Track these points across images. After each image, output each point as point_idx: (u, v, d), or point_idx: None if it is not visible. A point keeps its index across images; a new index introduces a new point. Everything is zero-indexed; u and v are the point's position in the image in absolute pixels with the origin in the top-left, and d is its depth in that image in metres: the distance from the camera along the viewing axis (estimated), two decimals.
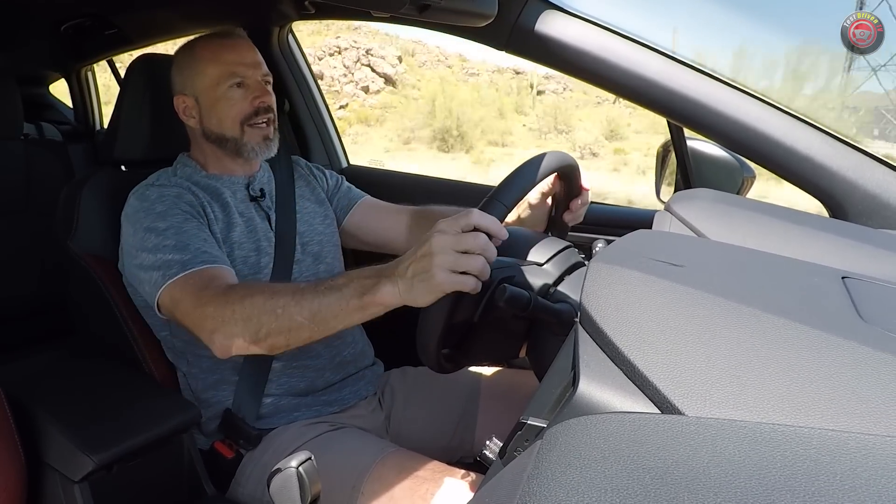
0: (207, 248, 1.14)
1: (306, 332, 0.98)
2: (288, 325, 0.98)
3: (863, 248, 0.79)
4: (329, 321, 0.97)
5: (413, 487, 1.05)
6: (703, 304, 0.51)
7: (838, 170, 1.08)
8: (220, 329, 1.02)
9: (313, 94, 2.08)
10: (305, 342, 1.02)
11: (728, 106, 1.13)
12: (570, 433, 0.40)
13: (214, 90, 1.26)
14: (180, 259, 1.10)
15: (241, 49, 1.29)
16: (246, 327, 1.00)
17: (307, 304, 0.97)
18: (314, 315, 0.97)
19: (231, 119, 1.26)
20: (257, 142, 1.28)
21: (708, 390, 0.42)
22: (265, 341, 1.00)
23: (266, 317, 0.99)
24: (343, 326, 0.98)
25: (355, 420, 1.29)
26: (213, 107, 1.27)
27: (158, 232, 1.14)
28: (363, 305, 0.94)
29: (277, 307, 0.98)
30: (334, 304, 0.96)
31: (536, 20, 1.22)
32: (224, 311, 1.02)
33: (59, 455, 0.97)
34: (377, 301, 0.93)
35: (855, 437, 0.36)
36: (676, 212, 0.89)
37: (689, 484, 0.33)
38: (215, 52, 1.27)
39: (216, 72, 1.26)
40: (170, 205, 1.18)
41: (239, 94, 1.26)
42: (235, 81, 1.26)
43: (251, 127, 1.27)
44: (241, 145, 1.28)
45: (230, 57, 1.27)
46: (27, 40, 2.47)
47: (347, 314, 0.95)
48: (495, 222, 0.87)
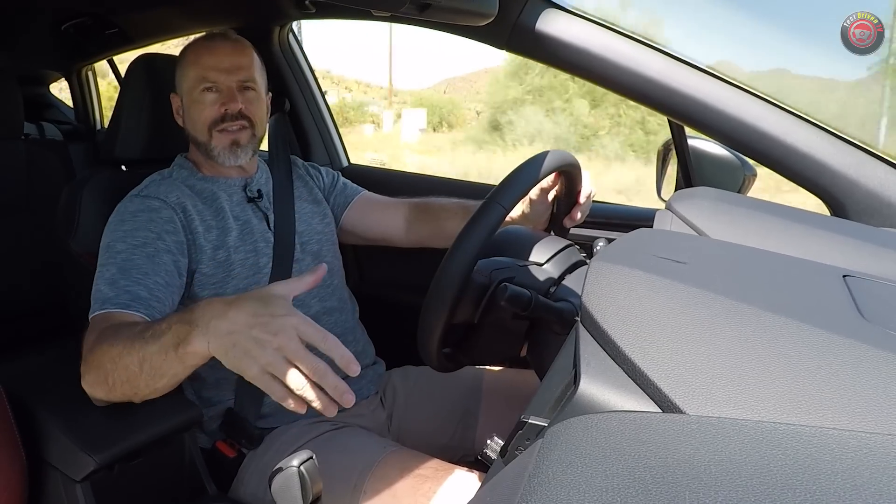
0: (136, 287, 1.07)
1: (142, 382, 0.89)
2: (126, 376, 0.90)
3: (864, 247, 0.79)
4: (157, 370, 0.87)
5: (415, 486, 1.05)
6: (704, 303, 0.51)
7: (839, 168, 1.08)
8: (84, 377, 0.97)
9: (314, 93, 2.08)
10: (152, 392, 0.91)
11: (729, 104, 1.13)
12: (571, 432, 0.40)
13: (191, 93, 1.27)
14: (105, 295, 1.06)
15: (220, 53, 1.28)
16: (98, 375, 0.94)
17: (136, 352, 0.88)
18: (142, 364, 0.88)
19: (201, 123, 1.27)
20: (224, 146, 1.27)
21: (709, 389, 0.42)
22: (116, 390, 0.93)
23: (109, 364, 0.91)
24: (174, 378, 0.88)
25: (357, 419, 1.29)
26: (189, 109, 1.29)
27: (111, 254, 1.12)
28: (180, 357, 0.84)
29: (115, 355, 0.90)
30: (157, 356, 0.86)
31: (537, 19, 1.22)
32: (89, 356, 0.96)
33: (60, 454, 0.97)
34: (190, 352, 0.83)
35: (856, 436, 0.36)
36: (677, 210, 0.89)
37: (690, 483, 0.33)
38: (197, 54, 1.28)
39: (193, 74, 1.27)
40: (139, 224, 1.16)
41: (210, 98, 1.26)
42: (206, 86, 1.26)
43: (219, 132, 1.27)
44: (209, 149, 1.28)
45: (207, 61, 1.27)
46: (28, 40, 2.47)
47: (170, 366, 0.86)
48: (317, 331, 0.77)
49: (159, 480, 1.07)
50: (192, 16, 1.99)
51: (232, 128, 1.27)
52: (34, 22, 2.33)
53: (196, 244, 1.21)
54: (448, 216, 1.41)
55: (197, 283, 1.20)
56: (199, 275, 1.20)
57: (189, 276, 1.20)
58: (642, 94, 1.18)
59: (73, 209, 1.31)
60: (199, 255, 1.20)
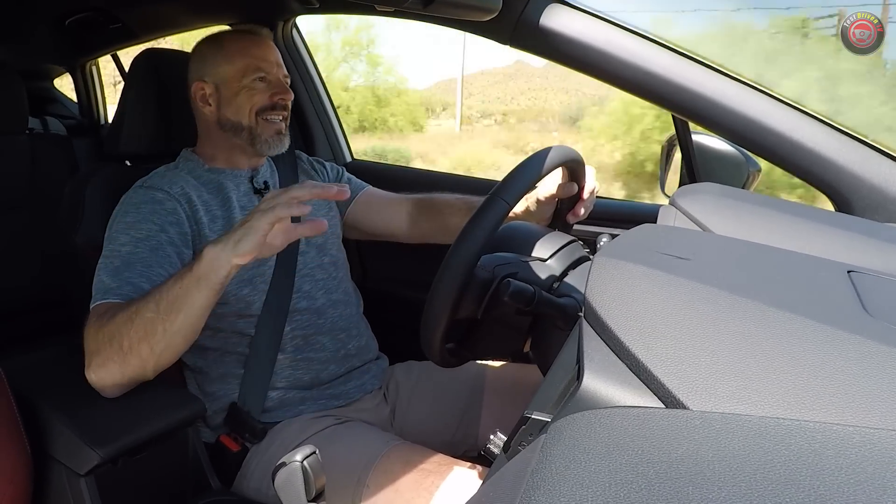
0: (139, 280, 1.10)
1: (159, 325, 0.99)
2: (143, 327, 0.99)
3: (868, 242, 0.78)
4: (173, 304, 0.99)
5: (418, 480, 1.06)
6: (708, 299, 0.50)
7: (844, 164, 1.07)
8: (92, 362, 1.01)
9: (317, 88, 2.08)
10: (169, 342, 1.00)
11: (733, 100, 1.12)
12: (574, 427, 0.39)
13: (239, 80, 1.29)
14: (107, 285, 1.09)
15: (268, 47, 1.34)
16: (111, 346, 1.00)
17: (152, 297, 1.00)
18: (158, 304, 0.99)
19: (249, 108, 1.29)
20: (270, 135, 1.31)
21: (712, 384, 0.42)
22: (131, 354, 0.99)
23: (125, 326, 0.99)
24: (189, 310, 0.99)
25: (360, 414, 1.30)
26: (234, 96, 1.30)
27: (115, 245, 1.14)
28: (195, 276, 0.98)
29: (131, 313, 1.00)
30: (173, 287, 0.99)
31: (541, 14, 1.22)
32: (97, 336, 1.02)
33: (64, 449, 0.97)
34: (204, 267, 0.97)
35: (860, 432, 0.36)
36: (681, 206, 0.89)
37: (693, 478, 0.33)
38: (245, 46, 1.32)
39: (243, 63, 1.30)
40: (143, 216, 1.17)
41: (261, 86, 1.30)
42: (260, 75, 1.30)
43: (266, 120, 1.30)
44: (255, 135, 1.30)
45: (258, 52, 1.32)
46: (32, 35, 2.48)
47: (186, 291, 0.98)
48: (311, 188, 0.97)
49: (163, 475, 1.07)
50: (195, 11, 1.98)
51: (277, 118, 1.32)
52: (38, 17, 2.33)
53: (201, 234, 1.21)
54: (452, 212, 1.41)
55: None
56: None
57: None
58: (647, 90, 1.18)
59: (77, 204, 1.31)
60: (203, 245, 1.21)
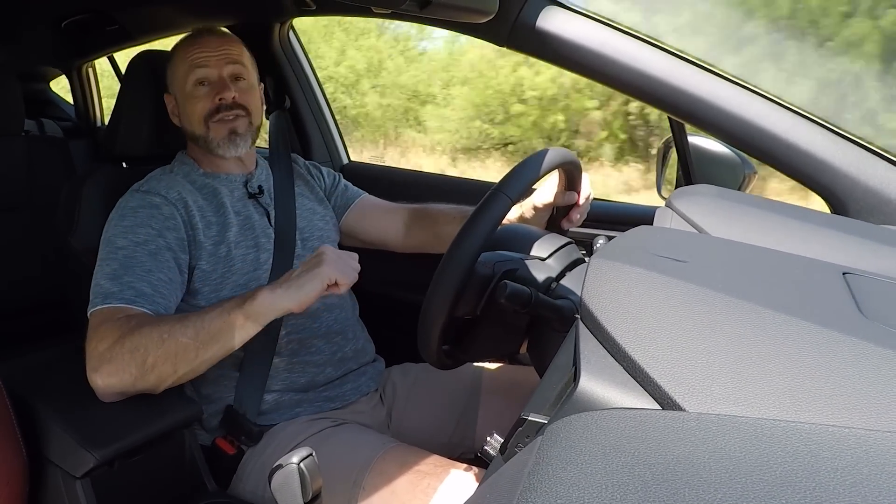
0: (140, 283, 1.09)
1: (192, 352, 1.00)
2: (174, 349, 1.00)
3: (864, 244, 0.79)
4: (214, 336, 1.01)
5: (414, 482, 1.05)
6: (704, 301, 0.51)
7: (840, 165, 1.08)
8: (100, 368, 1.00)
9: (314, 90, 2.08)
10: (194, 367, 1.03)
11: (729, 102, 1.13)
12: (570, 429, 0.40)
13: (184, 88, 1.28)
14: (107, 290, 1.08)
15: (208, 46, 1.29)
16: (133, 358, 0.99)
17: (191, 323, 1.01)
18: (198, 332, 1.01)
19: (197, 116, 1.28)
20: (222, 136, 1.28)
21: (709, 386, 0.42)
22: (152, 371, 1.00)
23: (153, 344, 0.99)
24: (228, 343, 1.02)
25: (357, 416, 1.29)
26: (183, 105, 1.30)
27: (112, 249, 1.13)
28: (245, 314, 1.01)
29: (164, 332, 1.00)
30: (217, 319, 1.01)
31: (537, 16, 1.22)
32: (114, 345, 1.00)
33: (60, 451, 0.97)
34: (258, 307, 1.01)
35: (855, 433, 0.36)
36: (677, 208, 0.89)
37: (689, 479, 0.33)
38: (185, 50, 1.29)
39: (183, 70, 1.28)
40: (140, 221, 1.17)
41: (203, 91, 1.27)
42: (198, 79, 1.27)
43: (215, 123, 1.27)
44: (208, 141, 1.28)
45: (195, 55, 1.28)
46: (28, 36, 2.47)
47: (231, 326, 1.01)
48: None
49: (159, 477, 1.07)
50: (192, 12, 1.98)
51: (228, 117, 1.28)
52: (34, 19, 2.32)
53: (196, 240, 1.21)
54: (446, 221, 1.42)
55: (197, 279, 1.21)
56: (199, 270, 1.21)
57: (189, 271, 1.20)
58: (643, 92, 1.18)
59: (74, 206, 1.31)
60: (199, 251, 1.21)
